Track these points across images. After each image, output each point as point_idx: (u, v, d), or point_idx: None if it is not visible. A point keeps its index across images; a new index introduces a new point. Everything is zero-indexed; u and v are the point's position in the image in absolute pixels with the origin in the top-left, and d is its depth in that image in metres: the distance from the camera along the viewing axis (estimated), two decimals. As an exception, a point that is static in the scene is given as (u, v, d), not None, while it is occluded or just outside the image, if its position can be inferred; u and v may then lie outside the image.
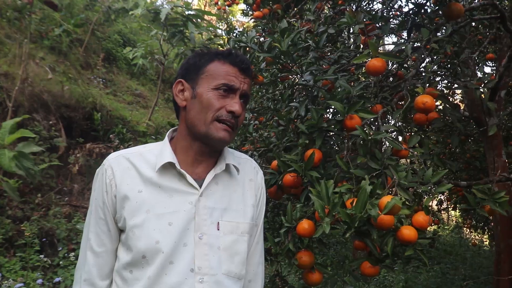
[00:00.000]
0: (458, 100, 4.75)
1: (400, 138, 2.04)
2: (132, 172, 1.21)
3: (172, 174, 1.21)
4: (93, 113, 6.09)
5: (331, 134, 2.02)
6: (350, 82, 2.32)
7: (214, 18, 12.15)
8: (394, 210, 1.34)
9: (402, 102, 2.10)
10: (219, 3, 6.41)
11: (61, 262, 4.24)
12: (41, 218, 4.61)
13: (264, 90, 2.96)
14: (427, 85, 1.97)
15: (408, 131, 3.00)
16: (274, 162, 1.95)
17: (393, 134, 2.15)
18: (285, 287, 2.21)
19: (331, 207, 1.43)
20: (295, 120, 2.13)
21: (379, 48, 1.86)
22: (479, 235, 9.01)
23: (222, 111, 1.18)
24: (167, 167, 1.21)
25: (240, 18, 14.67)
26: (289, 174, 1.79)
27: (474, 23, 3.28)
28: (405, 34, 2.71)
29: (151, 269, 1.15)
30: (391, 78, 2.32)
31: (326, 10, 2.91)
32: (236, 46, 2.29)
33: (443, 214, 10.89)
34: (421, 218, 1.49)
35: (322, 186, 1.48)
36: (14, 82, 5.25)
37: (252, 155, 2.43)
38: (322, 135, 1.83)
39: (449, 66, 3.22)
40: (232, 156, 1.31)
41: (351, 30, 2.49)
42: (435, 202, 6.52)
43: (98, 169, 1.25)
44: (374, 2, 3.33)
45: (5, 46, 5.93)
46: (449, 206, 6.84)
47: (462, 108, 3.64)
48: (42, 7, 6.52)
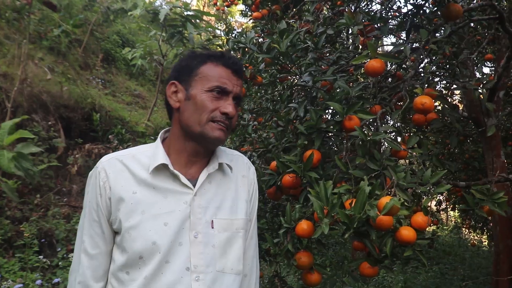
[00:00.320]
0: (457, 100, 4.75)
1: (399, 139, 2.05)
2: (125, 174, 1.22)
3: (165, 175, 1.22)
4: (92, 113, 6.08)
5: (330, 135, 2.02)
6: (349, 83, 2.32)
7: (213, 18, 12.15)
8: (393, 210, 1.34)
9: (401, 103, 2.10)
10: (218, 4, 6.41)
11: (60, 263, 4.23)
12: (40, 219, 4.61)
13: (263, 91, 2.96)
14: (426, 85, 1.97)
15: (407, 132, 3.00)
16: (273, 163, 1.95)
17: (392, 134, 2.15)
18: (284, 288, 2.22)
19: (330, 208, 1.43)
20: (294, 121, 2.13)
21: (378, 49, 1.87)
22: (478, 236, 9.02)
23: (216, 113, 1.20)
24: (161, 169, 1.22)
25: (239, 18, 14.69)
26: (288, 175, 1.79)
27: (472, 24, 3.28)
28: (404, 35, 2.72)
29: (148, 269, 1.16)
30: (390, 79, 2.32)
31: (325, 11, 2.91)
32: (235, 47, 2.29)
33: (442, 215, 10.90)
34: (420, 218, 1.50)
35: (321, 187, 1.48)
36: (13, 82, 5.24)
37: (251, 156, 2.43)
38: (321, 136, 1.84)
39: (447, 66, 3.22)
40: (224, 154, 1.33)
41: (350, 31, 2.50)
42: (434, 203, 6.53)
43: (91, 172, 1.25)
44: (373, 3, 3.33)
45: (4, 47, 5.92)
46: (448, 207, 6.85)
47: (461, 108, 3.64)
48: (41, 8, 6.52)
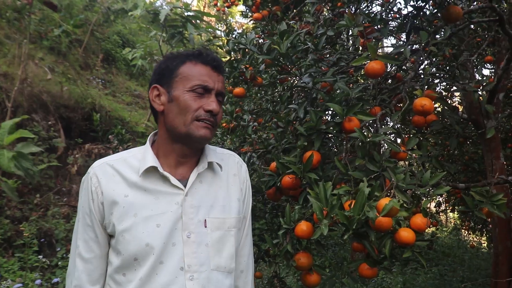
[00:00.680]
0: (457, 102, 4.75)
1: (398, 140, 2.05)
2: (117, 178, 1.23)
3: (155, 177, 1.23)
4: (92, 113, 6.09)
5: (330, 136, 2.03)
6: (349, 84, 2.32)
7: (213, 19, 12.15)
8: (392, 212, 1.34)
9: (401, 104, 2.10)
10: (219, 5, 6.41)
11: (59, 263, 4.23)
12: (39, 219, 4.61)
13: (263, 92, 2.96)
14: (426, 87, 1.97)
15: (406, 133, 3.00)
16: (273, 164, 1.95)
17: (391, 136, 2.15)
18: (283, 289, 2.22)
19: (329, 209, 1.43)
20: (294, 122, 2.13)
21: (378, 50, 1.87)
22: (477, 237, 9.02)
23: (200, 111, 1.21)
24: (151, 171, 1.23)
25: (239, 19, 14.69)
26: (287, 176, 1.79)
27: (472, 26, 3.29)
28: (404, 37, 2.72)
29: (143, 270, 1.17)
30: (390, 81, 2.33)
31: (325, 12, 2.91)
32: (235, 47, 2.29)
33: (442, 216, 10.89)
34: (419, 220, 1.50)
35: (320, 188, 1.49)
36: (13, 82, 5.25)
37: (251, 157, 2.43)
38: (321, 137, 1.84)
39: (447, 68, 3.22)
40: (214, 153, 1.33)
41: (350, 33, 2.50)
42: (434, 204, 6.53)
43: (83, 177, 1.27)
44: (373, 5, 3.34)
45: (4, 47, 5.93)
46: (447, 208, 6.84)
47: (460, 110, 3.64)
48: (42, 8, 6.53)
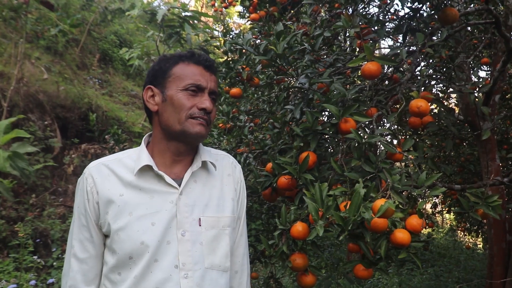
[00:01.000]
0: (453, 104, 4.76)
1: (394, 142, 2.05)
2: (112, 178, 1.24)
3: (150, 176, 1.25)
4: (88, 113, 6.07)
5: (326, 137, 2.03)
6: (345, 85, 2.32)
7: (210, 19, 12.14)
8: (387, 213, 1.35)
9: (397, 106, 2.10)
10: (216, 5, 6.40)
11: (54, 263, 4.22)
12: (35, 219, 4.59)
13: (259, 93, 2.96)
14: (422, 89, 1.98)
15: (402, 135, 3.01)
16: (269, 165, 1.95)
17: (387, 137, 2.16)
18: (279, 289, 2.22)
19: (325, 210, 1.44)
20: (290, 122, 2.13)
21: (375, 51, 1.87)
22: (473, 238, 9.04)
23: (194, 109, 1.23)
24: (145, 170, 1.24)
25: (236, 20, 14.68)
26: (283, 177, 1.79)
27: (469, 28, 3.30)
28: (400, 38, 2.72)
29: (138, 268, 1.18)
30: (386, 82, 2.33)
31: (322, 13, 2.92)
32: (232, 48, 2.29)
33: (437, 217, 10.93)
34: (414, 221, 1.50)
35: (316, 189, 1.49)
36: (10, 82, 5.22)
37: (247, 157, 2.43)
38: (317, 138, 1.84)
39: (444, 70, 3.23)
40: (208, 153, 1.35)
41: (347, 34, 2.50)
42: (429, 205, 6.54)
43: (79, 178, 1.28)
44: (370, 6, 3.34)
45: (0, 46, 5.90)
46: (443, 209, 6.86)
47: (456, 112, 3.65)
48: (38, 7, 6.49)
